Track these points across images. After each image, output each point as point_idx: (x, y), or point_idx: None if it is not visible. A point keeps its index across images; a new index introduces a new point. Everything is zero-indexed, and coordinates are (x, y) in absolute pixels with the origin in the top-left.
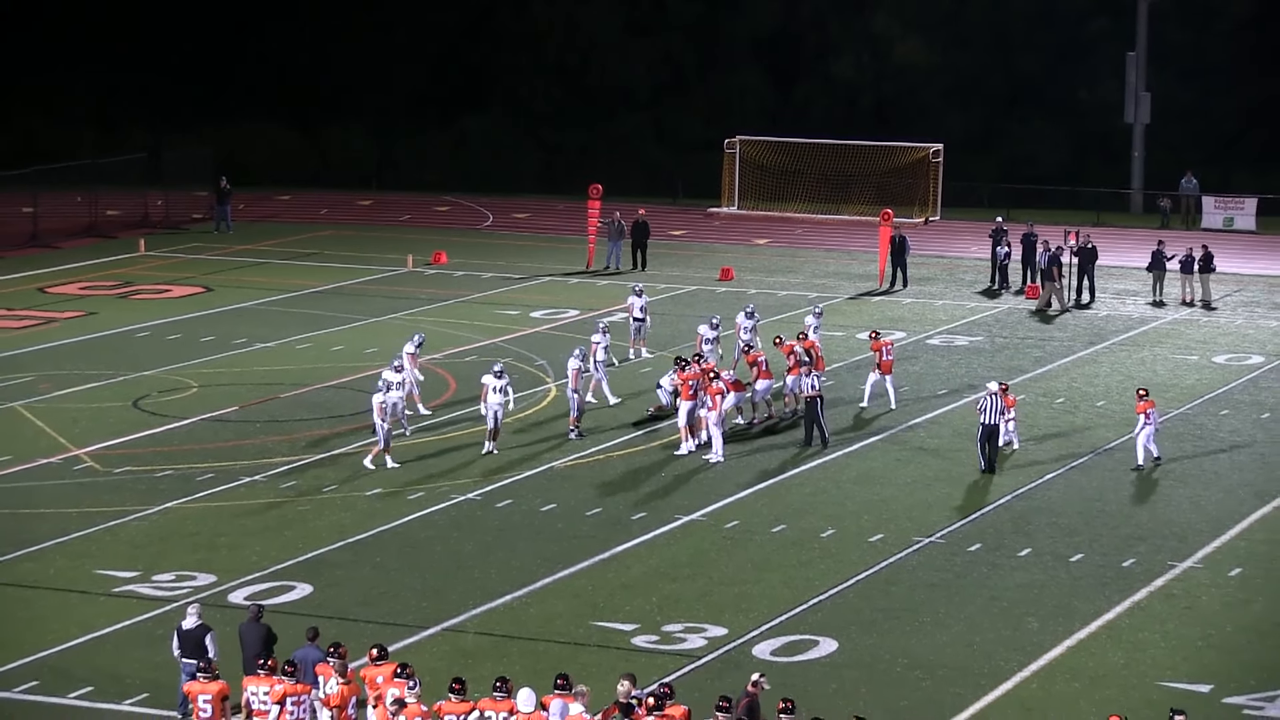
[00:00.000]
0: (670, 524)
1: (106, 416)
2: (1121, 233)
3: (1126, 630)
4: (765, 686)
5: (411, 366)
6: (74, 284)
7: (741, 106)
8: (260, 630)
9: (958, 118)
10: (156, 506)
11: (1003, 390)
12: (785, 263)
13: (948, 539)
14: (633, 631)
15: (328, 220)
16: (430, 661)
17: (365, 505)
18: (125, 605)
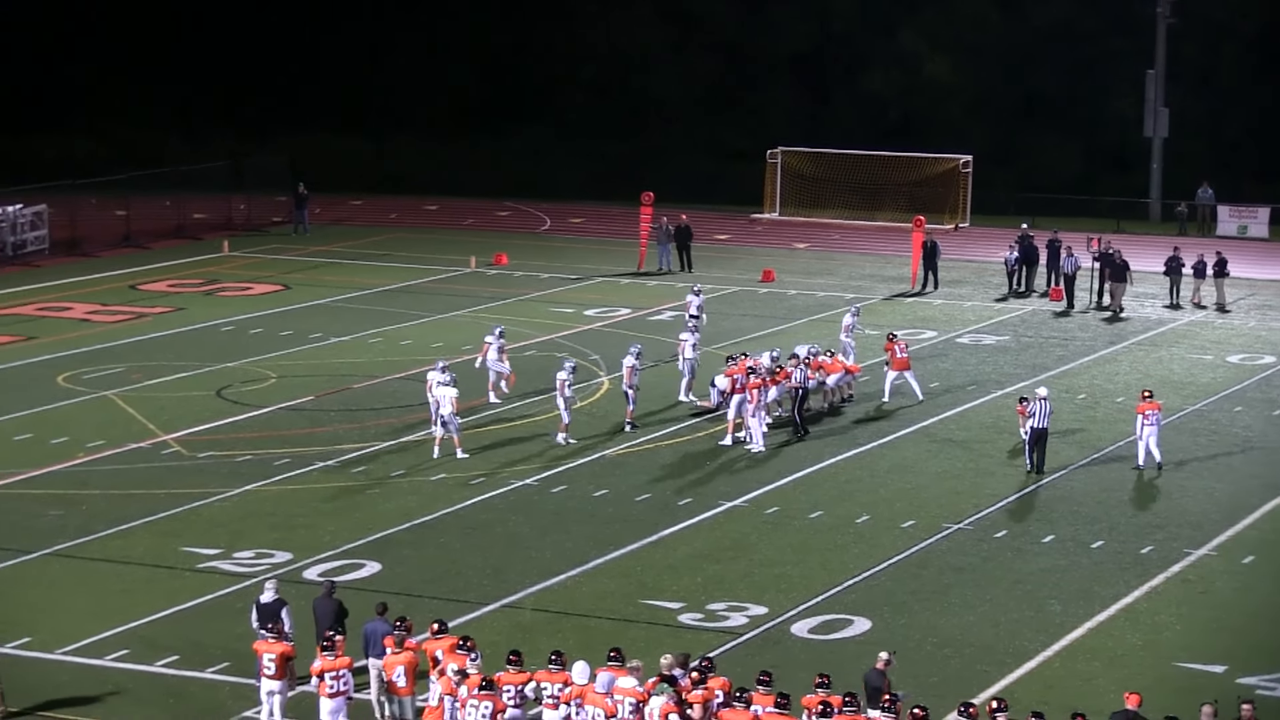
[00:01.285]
0: (714, 509)
1: (192, 405)
2: (1140, 239)
3: (1144, 613)
4: (893, 664)
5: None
6: (163, 281)
7: (779, 119)
8: (332, 605)
9: (982, 130)
10: (237, 489)
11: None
12: (823, 265)
13: (975, 526)
14: (679, 609)
15: (397, 224)
16: (489, 635)
17: (430, 489)
18: (208, 580)
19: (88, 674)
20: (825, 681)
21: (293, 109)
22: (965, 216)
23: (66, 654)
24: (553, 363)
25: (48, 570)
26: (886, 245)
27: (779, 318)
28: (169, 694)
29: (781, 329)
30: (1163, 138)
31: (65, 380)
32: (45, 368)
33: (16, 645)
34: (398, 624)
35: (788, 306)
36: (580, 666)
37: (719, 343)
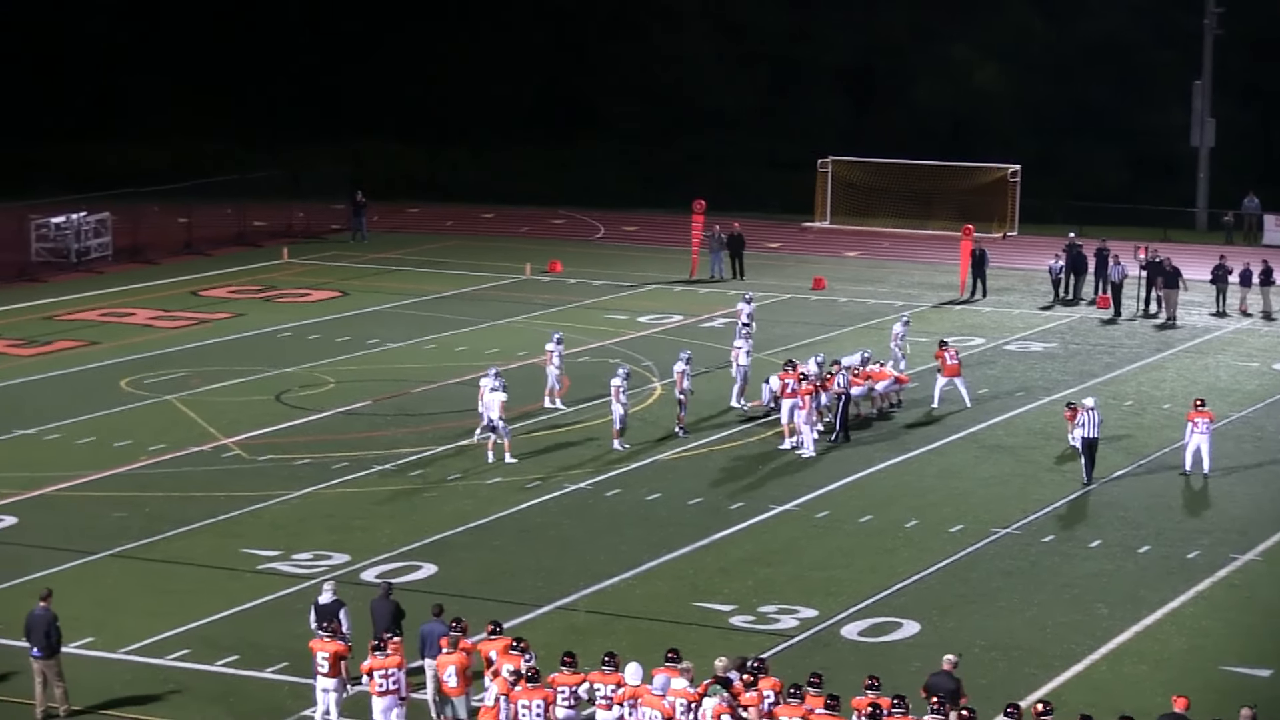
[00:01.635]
0: (765, 513)
1: (252, 409)
2: (1186, 248)
3: (1190, 617)
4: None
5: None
6: (224, 288)
7: (830, 129)
8: (389, 606)
9: (1030, 140)
10: (296, 492)
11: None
12: (873, 273)
13: (1023, 530)
14: (730, 612)
15: (453, 231)
16: (544, 637)
17: (486, 493)
18: (268, 581)
19: (149, 673)
20: (875, 684)
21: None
22: (1013, 225)
23: (128, 653)
24: (606, 369)
25: (111, 571)
26: (935, 253)
27: (829, 325)
28: (229, 693)
29: (832, 336)
30: (1209, 148)
31: (128, 385)
32: (108, 372)
33: (80, 645)
34: (453, 625)
35: (838, 314)
36: (633, 668)
37: (770, 349)
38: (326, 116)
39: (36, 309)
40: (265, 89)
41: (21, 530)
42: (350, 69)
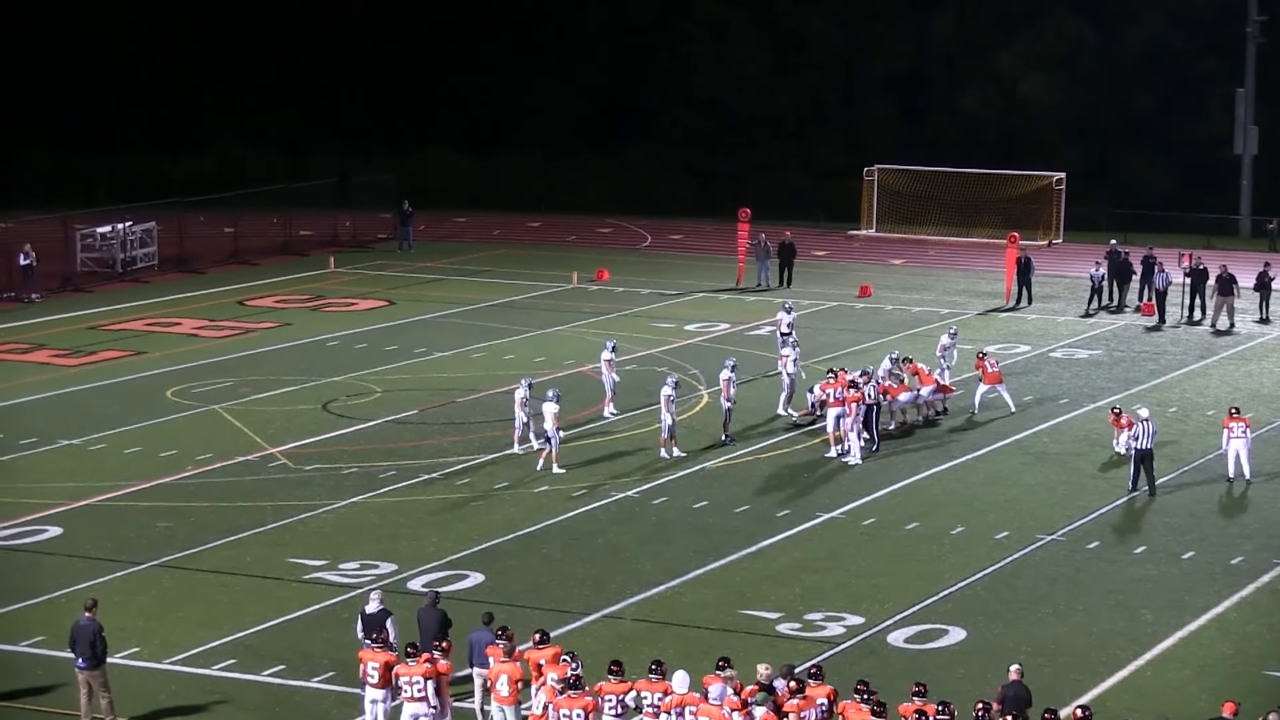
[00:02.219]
0: (812, 520)
1: (299, 418)
2: (1230, 255)
3: (1234, 623)
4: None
5: (608, 371)
6: (270, 297)
7: (877, 137)
8: (436, 615)
9: (1076, 149)
10: (343, 501)
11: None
12: (919, 281)
13: (1068, 537)
14: (777, 619)
15: (500, 240)
16: (591, 645)
17: (533, 501)
18: (314, 590)
19: (196, 683)
20: (921, 690)
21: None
22: (1059, 233)
23: (175, 663)
24: (653, 376)
25: (157, 581)
26: (981, 261)
27: (875, 332)
28: (275, 703)
29: (878, 343)
30: (1253, 155)
31: (174, 394)
32: (155, 382)
33: (126, 655)
34: (500, 634)
35: (884, 321)
36: (680, 676)
37: (816, 357)
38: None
39: (82, 319)
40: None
41: (67, 540)
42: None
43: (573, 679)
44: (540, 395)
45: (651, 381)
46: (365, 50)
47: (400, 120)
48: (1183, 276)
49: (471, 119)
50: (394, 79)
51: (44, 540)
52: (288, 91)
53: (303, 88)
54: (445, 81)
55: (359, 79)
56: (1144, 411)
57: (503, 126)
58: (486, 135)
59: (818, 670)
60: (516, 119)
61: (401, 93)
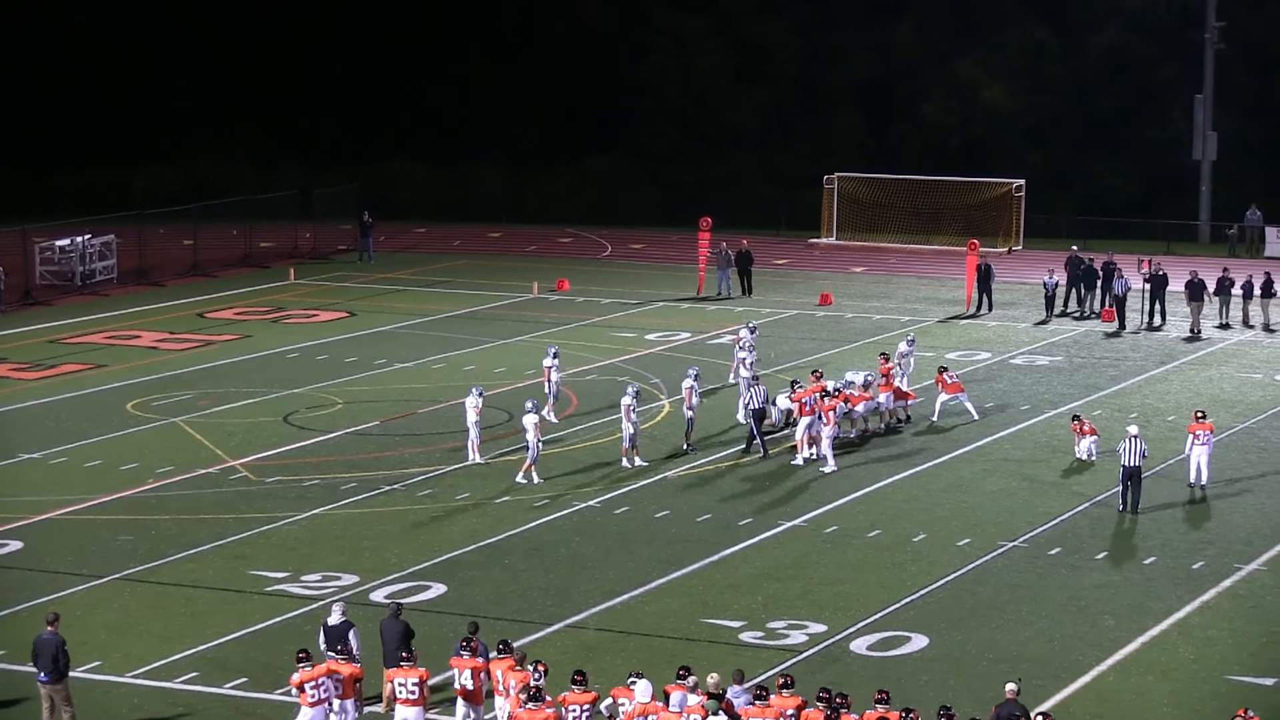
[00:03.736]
0: (774, 529)
1: (260, 430)
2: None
3: (1196, 627)
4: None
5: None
6: (231, 309)
7: (840, 147)
8: (399, 626)
9: (1037, 156)
10: (305, 513)
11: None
12: (880, 289)
13: (1030, 543)
14: (740, 628)
15: (460, 251)
16: (554, 655)
17: (495, 511)
18: (277, 603)
19: (158, 697)
20: (884, 698)
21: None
22: (1019, 240)
23: (137, 677)
24: (614, 386)
25: (119, 594)
26: (941, 268)
27: (836, 340)
28: (239, 715)
29: (839, 351)
30: (1211, 161)
31: (134, 407)
32: (115, 395)
33: (88, 669)
34: (463, 644)
35: (845, 329)
36: (643, 685)
37: (777, 366)
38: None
39: (41, 332)
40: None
41: (28, 554)
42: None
43: (534, 691)
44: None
45: (612, 391)
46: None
47: (361, 132)
48: (1142, 282)
49: (433, 131)
50: (356, 91)
51: (4, 554)
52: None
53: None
54: (407, 93)
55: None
56: (1133, 429)
57: (464, 138)
58: (448, 147)
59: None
60: (478, 130)
61: (363, 105)
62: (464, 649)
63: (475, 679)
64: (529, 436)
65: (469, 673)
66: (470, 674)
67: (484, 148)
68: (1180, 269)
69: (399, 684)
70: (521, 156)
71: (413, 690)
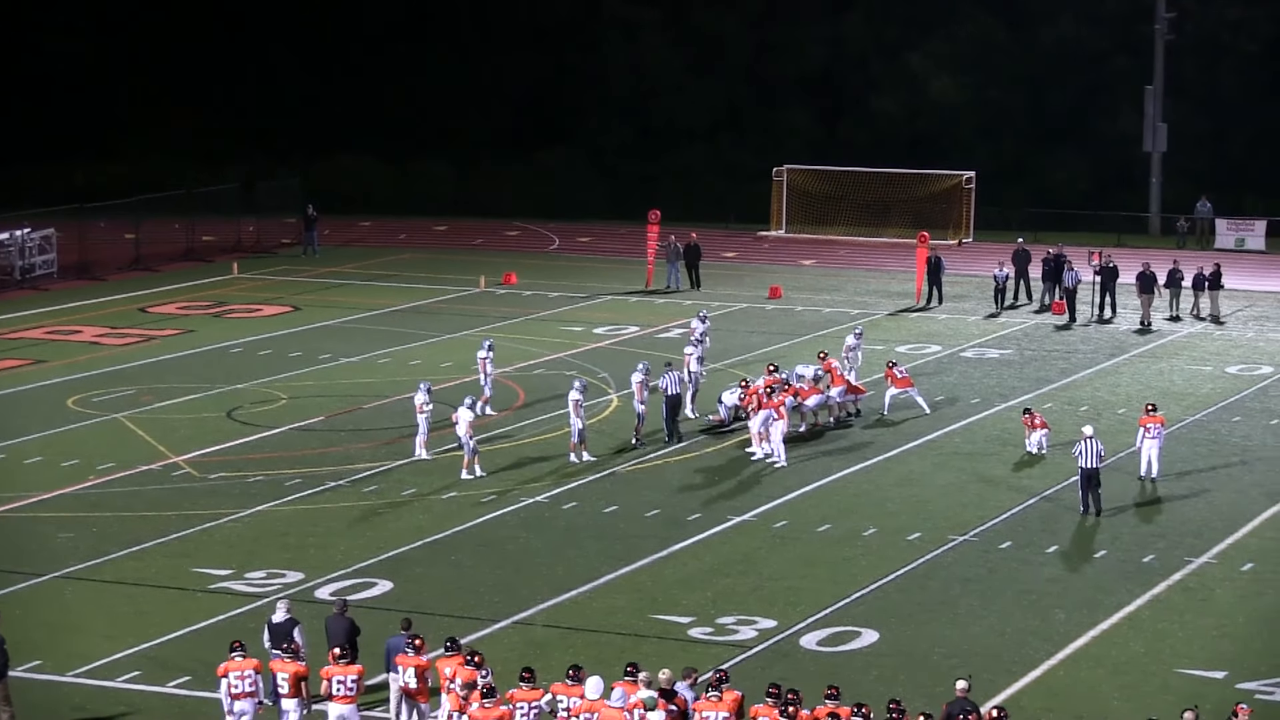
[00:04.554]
0: (724, 524)
1: (203, 426)
2: (1140, 253)
3: (1147, 621)
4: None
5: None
6: (173, 304)
7: (790, 140)
8: (345, 623)
9: (988, 149)
10: (249, 510)
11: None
12: (830, 282)
13: (980, 537)
14: (689, 624)
15: (406, 244)
16: (502, 652)
17: (442, 507)
18: (220, 601)
19: (100, 696)
20: (835, 694)
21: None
22: (969, 232)
23: (79, 676)
24: (562, 380)
25: (60, 592)
26: (891, 261)
27: (786, 334)
28: (182, 715)
29: (789, 344)
30: (1161, 152)
31: (75, 403)
32: (55, 391)
33: (28, 668)
34: (409, 640)
35: (794, 322)
36: (594, 682)
37: (726, 359)
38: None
39: None
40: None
41: None
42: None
43: (486, 688)
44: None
45: (560, 385)
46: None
47: (306, 125)
48: (1093, 275)
49: (379, 123)
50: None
51: None
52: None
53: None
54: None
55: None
56: (1088, 430)
57: (411, 130)
58: (394, 139)
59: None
60: (425, 122)
61: (308, 97)
62: (409, 646)
63: (420, 677)
64: (460, 432)
65: (413, 671)
66: (414, 672)
67: (431, 140)
68: (1131, 261)
69: (336, 681)
70: (469, 149)
71: (350, 687)
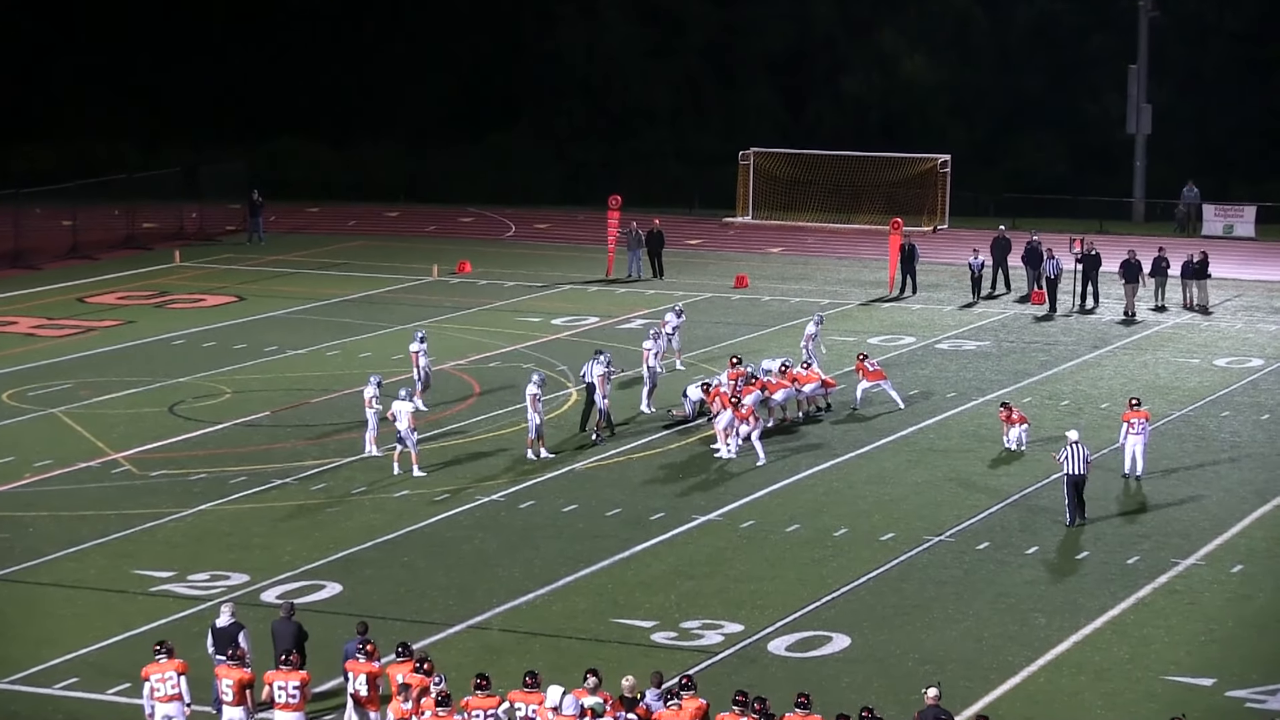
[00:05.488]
0: (688, 524)
1: (144, 422)
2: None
3: (1131, 625)
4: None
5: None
6: (112, 294)
7: (756, 122)
8: (292, 628)
9: (963, 131)
10: (192, 509)
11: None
12: (798, 270)
13: (956, 538)
14: (652, 628)
15: (356, 231)
16: (456, 657)
17: (393, 506)
18: (162, 604)
19: (37, 703)
20: (805, 701)
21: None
22: (944, 218)
23: (14, 683)
24: (519, 374)
25: None
26: (863, 249)
27: (752, 325)
28: None
29: (755, 336)
30: (1146, 135)
31: (10, 398)
32: None
33: None
34: (360, 645)
35: (761, 313)
36: (554, 690)
37: (690, 352)
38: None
39: None
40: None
41: None
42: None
43: (441, 695)
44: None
45: (517, 379)
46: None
47: (251, 107)
48: (1074, 263)
49: (327, 105)
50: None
51: None
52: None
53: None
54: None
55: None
56: (1073, 434)
57: (360, 112)
58: (343, 122)
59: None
60: (375, 104)
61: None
62: (360, 652)
63: (371, 684)
64: (400, 426)
65: (364, 678)
66: (365, 679)
67: (381, 123)
68: (1114, 249)
69: (278, 687)
70: (421, 132)
71: (293, 694)
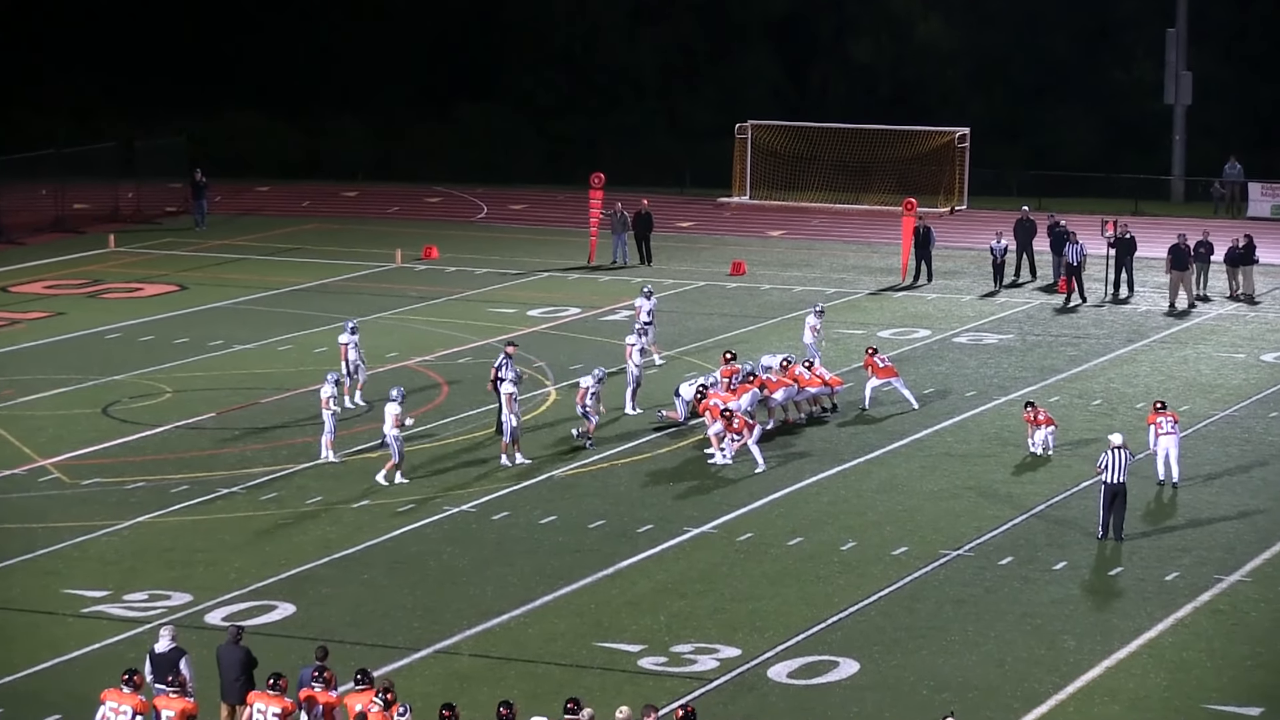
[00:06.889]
0: (679, 537)
1: (74, 424)
2: (1160, 222)
3: (1170, 649)
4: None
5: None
6: (39, 282)
7: (754, 91)
8: (239, 653)
9: (983, 102)
10: (128, 520)
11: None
12: (801, 256)
13: (976, 552)
14: (639, 653)
15: (311, 213)
16: (422, 685)
17: (352, 518)
18: (95, 627)
19: None
20: None
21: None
22: (962, 199)
23: None
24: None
25: None
26: (873, 232)
27: (750, 316)
28: None
29: (754, 329)
30: (1185, 106)
31: None
32: None
33: None
34: (316, 672)
35: (760, 303)
36: None
37: (682, 345)
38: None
39: None
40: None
41: None
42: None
43: None
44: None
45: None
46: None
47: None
48: (1106, 247)
49: (278, 76)
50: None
51: None
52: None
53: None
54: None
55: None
56: (1116, 438)
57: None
58: (296, 94)
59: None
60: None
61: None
62: (316, 680)
63: (328, 716)
64: (387, 429)
65: (321, 708)
66: (323, 710)
67: (339, 95)
68: (1150, 231)
69: (258, 709)
70: (383, 105)
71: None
